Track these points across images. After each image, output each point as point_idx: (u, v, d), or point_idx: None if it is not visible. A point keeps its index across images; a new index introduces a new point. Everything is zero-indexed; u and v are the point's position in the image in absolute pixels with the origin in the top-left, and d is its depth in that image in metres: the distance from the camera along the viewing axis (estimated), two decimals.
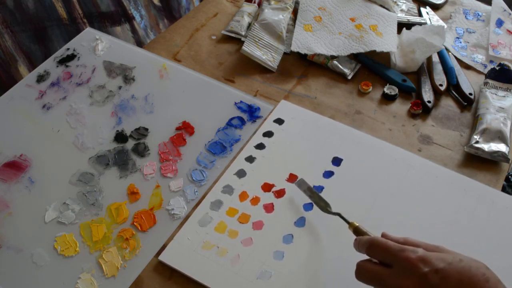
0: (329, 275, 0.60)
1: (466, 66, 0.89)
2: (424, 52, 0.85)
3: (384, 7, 0.96)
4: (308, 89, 0.85)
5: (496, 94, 0.80)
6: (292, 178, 0.70)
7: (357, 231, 0.57)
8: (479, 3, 1.02)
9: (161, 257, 0.62)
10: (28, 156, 0.74)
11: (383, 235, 0.54)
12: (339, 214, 0.61)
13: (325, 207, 0.64)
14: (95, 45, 0.89)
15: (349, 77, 0.86)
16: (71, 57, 0.88)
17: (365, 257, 0.53)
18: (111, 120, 0.79)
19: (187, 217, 0.66)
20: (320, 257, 0.62)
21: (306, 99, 0.83)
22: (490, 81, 0.82)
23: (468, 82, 0.84)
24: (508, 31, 0.95)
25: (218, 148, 0.75)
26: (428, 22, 0.96)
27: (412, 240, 0.51)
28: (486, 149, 0.72)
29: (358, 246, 0.54)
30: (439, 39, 0.85)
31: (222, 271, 0.60)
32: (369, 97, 0.84)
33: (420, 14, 0.99)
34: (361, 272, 0.51)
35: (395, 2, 0.99)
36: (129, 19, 1.08)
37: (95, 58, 0.88)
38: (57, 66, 0.86)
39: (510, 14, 0.97)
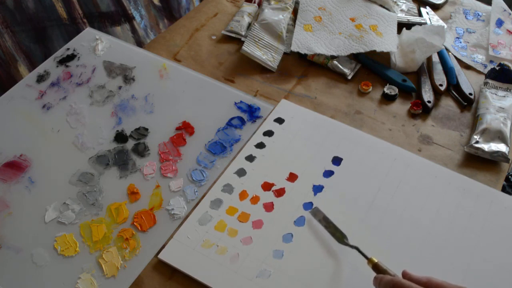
0: (329, 274, 0.60)
1: (466, 66, 0.89)
2: (424, 52, 0.85)
3: (384, 7, 0.96)
4: (308, 89, 0.85)
5: (496, 94, 0.80)
6: (292, 177, 0.70)
7: (376, 267, 0.56)
8: (479, 3, 1.02)
9: (161, 256, 0.62)
10: (28, 156, 0.74)
11: (404, 274, 0.53)
12: (357, 248, 0.59)
13: (341, 238, 0.61)
14: (95, 45, 0.89)
15: (349, 77, 0.86)
16: (71, 57, 0.88)
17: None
18: (111, 120, 0.79)
19: (186, 217, 0.66)
20: (320, 256, 0.62)
21: (306, 99, 0.83)
22: (490, 81, 0.82)
23: (468, 82, 0.84)
24: (508, 31, 0.95)
25: (218, 148, 0.75)
26: (428, 22, 0.96)
27: (436, 280, 0.50)
28: (486, 149, 0.72)
29: (379, 285, 0.53)
30: (439, 39, 0.85)
31: (221, 270, 0.60)
32: (369, 97, 0.84)
33: (420, 14, 0.99)
34: None
35: (395, 2, 0.99)
36: (129, 19, 1.08)
37: (95, 58, 0.88)
38: (57, 66, 0.86)
39: (510, 14, 0.97)
